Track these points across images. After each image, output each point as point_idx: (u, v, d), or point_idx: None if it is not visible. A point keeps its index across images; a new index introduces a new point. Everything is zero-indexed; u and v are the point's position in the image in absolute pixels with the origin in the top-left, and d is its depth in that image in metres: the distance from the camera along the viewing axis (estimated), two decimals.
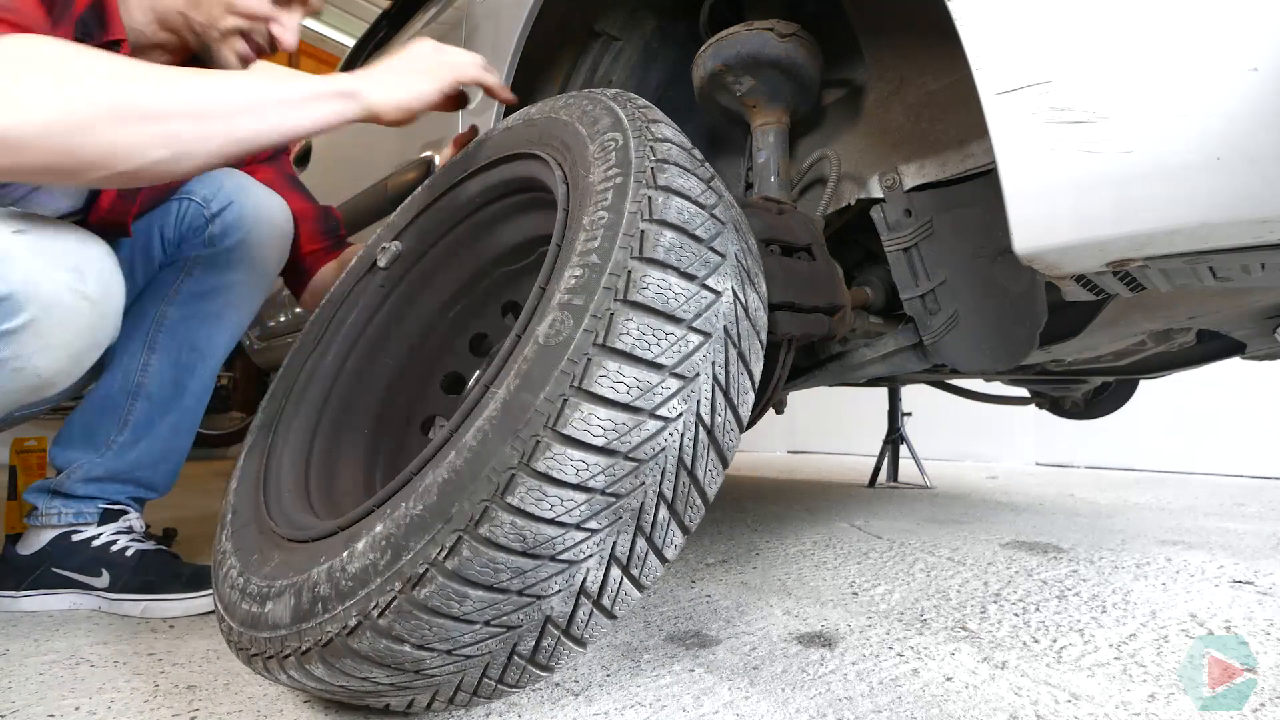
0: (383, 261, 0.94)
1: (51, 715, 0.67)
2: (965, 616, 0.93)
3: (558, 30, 1.20)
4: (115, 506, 1.10)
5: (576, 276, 0.57)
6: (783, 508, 1.96)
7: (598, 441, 0.50)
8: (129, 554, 1.05)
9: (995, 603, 0.99)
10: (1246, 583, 1.09)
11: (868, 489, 2.44)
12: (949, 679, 0.72)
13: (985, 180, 0.87)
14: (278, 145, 0.80)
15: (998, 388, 2.15)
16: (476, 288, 0.97)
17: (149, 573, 1.03)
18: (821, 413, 4.21)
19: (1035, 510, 1.90)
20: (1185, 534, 1.53)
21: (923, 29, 0.92)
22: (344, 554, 0.56)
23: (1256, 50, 0.48)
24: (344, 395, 0.92)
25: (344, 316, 0.95)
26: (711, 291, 0.57)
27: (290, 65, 6.78)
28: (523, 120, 0.85)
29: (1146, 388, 2.08)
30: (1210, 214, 0.51)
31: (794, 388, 1.19)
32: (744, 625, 0.90)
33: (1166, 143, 0.51)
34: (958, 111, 0.89)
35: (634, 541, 0.55)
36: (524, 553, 0.50)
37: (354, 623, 0.52)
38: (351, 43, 3.36)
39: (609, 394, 0.51)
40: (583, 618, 0.56)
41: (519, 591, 0.52)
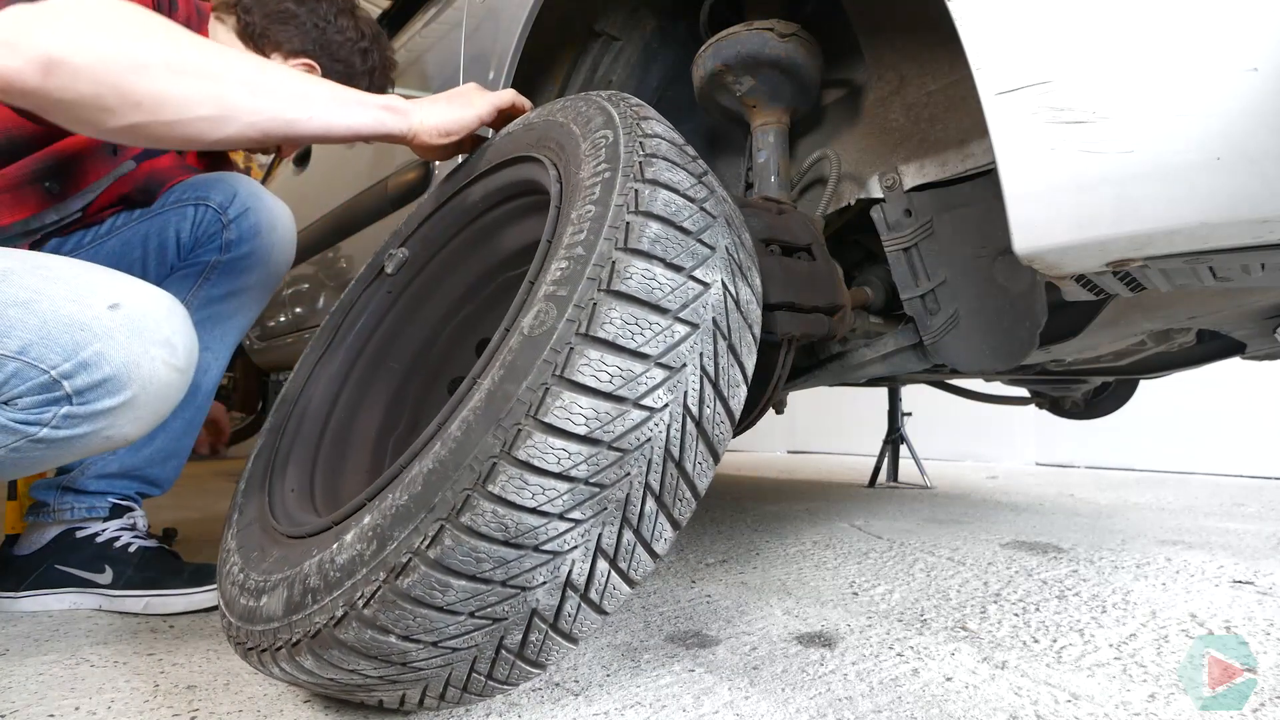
0: (390, 268, 0.95)
1: (51, 715, 0.67)
2: (965, 616, 0.93)
3: (558, 30, 1.20)
4: (123, 502, 1.11)
5: (562, 269, 0.56)
6: (783, 508, 1.96)
7: (580, 430, 0.50)
8: (131, 550, 1.06)
9: (995, 603, 0.99)
10: (1246, 583, 1.09)
11: (868, 489, 2.44)
12: (949, 679, 0.72)
13: (985, 180, 0.87)
14: (316, 139, 0.83)
15: (998, 388, 2.15)
16: (482, 292, 0.98)
17: (151, 569, 1.04)
18: (821, 413, 4.22)
19: (1035, 510, 1.90)
20: (1185, 534, 1.53)
21: (923, 29, 0.92)
22: (334, 546, 0.56)
23: (1256, 50, 0.48)
24: (351, 400, 0.93)
25: (352, 322, 0.96)
26: (699, 283, 0.56)
27: None
28: (522, 125, 0.86)
29: (1146, 388, 2.08)
30: (1210, 214, 0.51)
31: (794, 388, 1.19)
32: (744, 625, 0.90)
33: (1166, 143, 0.51)
34: (958, 111, 0.89)
35: (620, 534, 0.54)
36: (506, 542, 0.50)
37: (340, 613, 0.52)
38: None
39: (591, 382, 0.50)
40: (570, 611, 0.56)
41: (502, 582, 0.51)
